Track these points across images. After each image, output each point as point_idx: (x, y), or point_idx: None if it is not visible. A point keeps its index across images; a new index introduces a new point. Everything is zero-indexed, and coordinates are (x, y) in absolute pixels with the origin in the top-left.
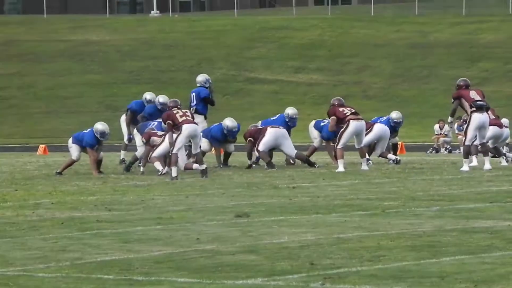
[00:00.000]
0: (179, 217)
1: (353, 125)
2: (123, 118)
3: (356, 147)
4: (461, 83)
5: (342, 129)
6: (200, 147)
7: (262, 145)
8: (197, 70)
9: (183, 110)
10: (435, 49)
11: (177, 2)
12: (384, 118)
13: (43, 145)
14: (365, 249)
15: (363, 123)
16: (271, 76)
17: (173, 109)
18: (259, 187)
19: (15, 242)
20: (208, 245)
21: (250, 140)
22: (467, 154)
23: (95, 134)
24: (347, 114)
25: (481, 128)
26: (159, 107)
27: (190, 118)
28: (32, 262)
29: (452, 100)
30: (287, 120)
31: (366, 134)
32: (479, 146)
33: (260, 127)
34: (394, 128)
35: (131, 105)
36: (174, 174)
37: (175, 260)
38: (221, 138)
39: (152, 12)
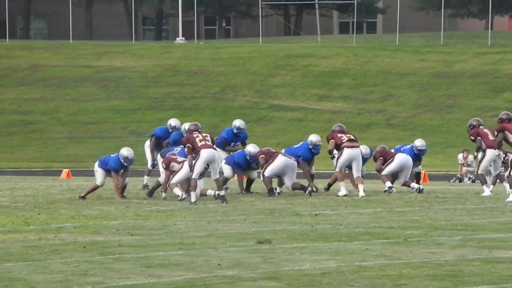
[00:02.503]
0: (201, 242)
1: (346, 153)
2: (147, 144)
3: (355, 175)
4: (504, 117)
5: (338, 155)
6: (223, 173)
7: (268, 171)
8: (221, 97)
9: (204, 134)
10: (460, 79)
11: (202, 29)
12: (408, 146)
13: (67, 170)
14: (387, 278)
15: (358, 150)
16: (295, 103)
17: (193, 132)
18: (281, 214)
19: (38, 266)
20: (229, 271)
21: (262, 157)
22: None
23: (120, 159)
24: (343, 141)
25: None
26: (184, 134)
27: (209, 143)
28: (54, 286)
29: (496, 133)
30: (310, 147)
31: (389, 164)
32: None
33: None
34: (417, 156)
35: (156, 131)
36: (193, 199)
37: (196, 285)
38: (244, 165)
39: (177, 39)
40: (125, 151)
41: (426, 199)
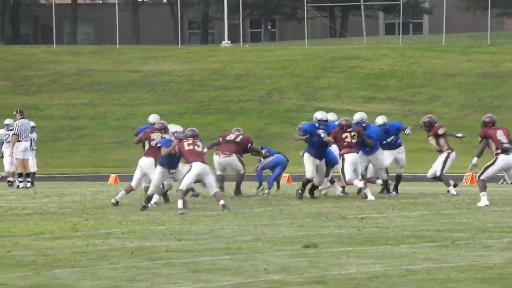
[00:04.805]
0: (248, 247)
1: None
2: None
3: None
4: (487, 120)
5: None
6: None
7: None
8: (267, 100)
9: (198, 143)
10: (507, 79)
11: (248, 32)
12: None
13: (114, 175)
14: (435, 281)
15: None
16: (340, 106)
17: (188, 138)
18: (327, 218)
19: (85, 272)
20: (276, 276)
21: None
22: (483, 188)
23: (170, 137)
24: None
25: (508, 169)
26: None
27: (201, 157)
28: None
29: (480, 139)
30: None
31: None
32: None
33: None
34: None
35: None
36: (179, 206)
37: None
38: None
39: (223, 42)
40: (173, 127)
41: (474, 201)
